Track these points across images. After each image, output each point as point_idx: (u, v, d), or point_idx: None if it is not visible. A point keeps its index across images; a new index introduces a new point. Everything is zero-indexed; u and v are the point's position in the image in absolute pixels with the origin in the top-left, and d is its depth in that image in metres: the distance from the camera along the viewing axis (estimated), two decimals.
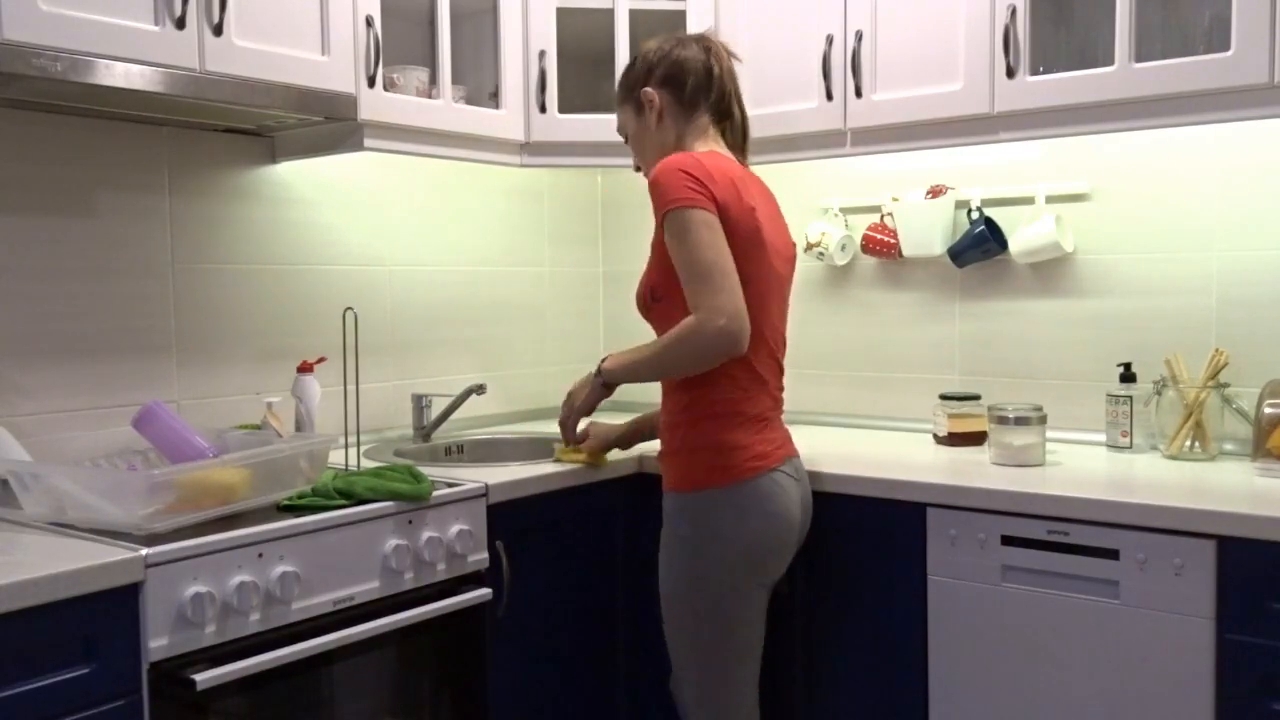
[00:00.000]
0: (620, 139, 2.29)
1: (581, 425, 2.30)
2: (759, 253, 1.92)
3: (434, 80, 2.43)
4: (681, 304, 1.87)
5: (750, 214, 1.90)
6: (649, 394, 2.14)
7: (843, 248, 2.81)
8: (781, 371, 2.05)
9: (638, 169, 2.12)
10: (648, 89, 2.01)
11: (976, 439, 2.47)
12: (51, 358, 2.12)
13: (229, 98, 1.99)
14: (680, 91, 1.99)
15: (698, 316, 1.81)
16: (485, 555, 2.10)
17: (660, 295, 1.94)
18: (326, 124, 2.27)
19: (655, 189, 1.87)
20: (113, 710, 1.55)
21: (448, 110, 2.40)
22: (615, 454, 2.38)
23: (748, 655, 2.01)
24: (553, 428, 2.82)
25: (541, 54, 2.57)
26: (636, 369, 2.00)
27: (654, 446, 2.18)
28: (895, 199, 2.71)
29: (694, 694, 2.02)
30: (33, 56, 1.72)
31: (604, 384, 2.08)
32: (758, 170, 2.76)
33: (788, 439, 2.05)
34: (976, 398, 2.51)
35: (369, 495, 1.92)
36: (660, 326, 1.98)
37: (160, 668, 1.60)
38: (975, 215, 2.60)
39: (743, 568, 1.94)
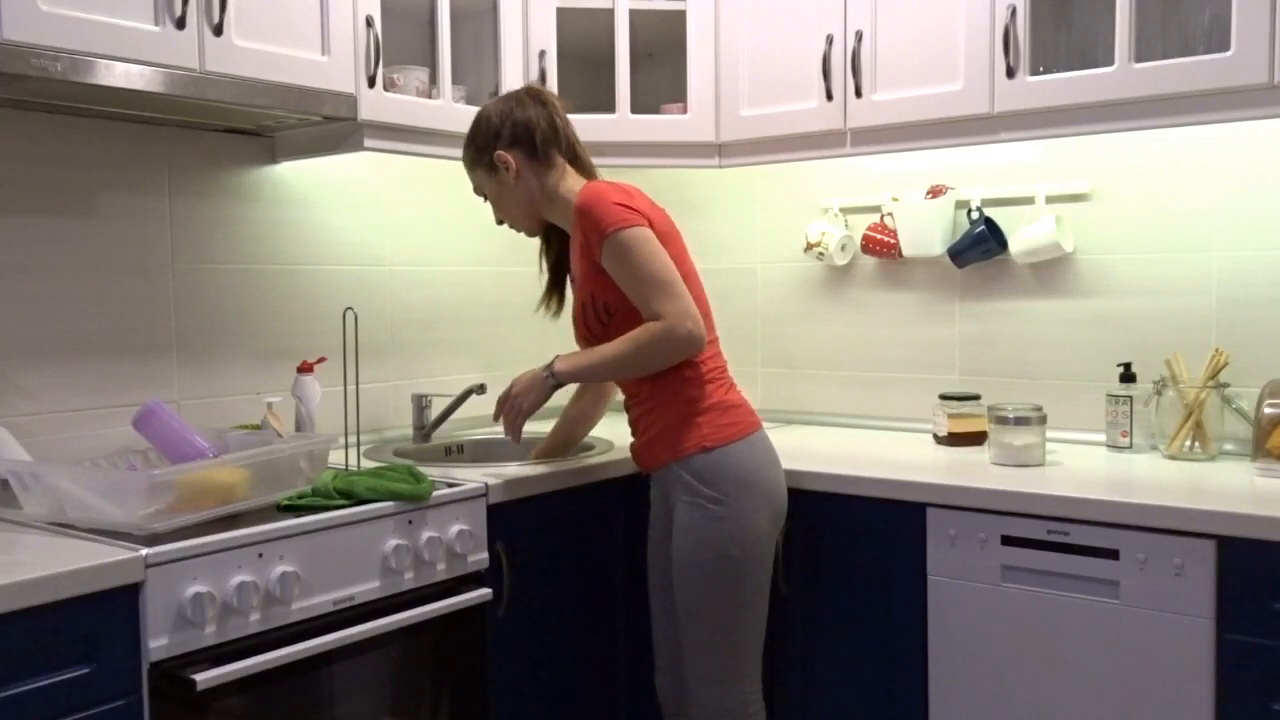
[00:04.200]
0: (623, 139, 2.30)
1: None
2: (684, 249, 2.09)
3: (434, 80, 2.43)
4: (632, 319, 1.99)
5: (667, 217, 2.09)
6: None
7: (843, 248, 2.81)
8: None
9: (500, 223, 2.22)
10: (499, 152, 2.10)
11: (976, 439, 2.47)
12: (51, 358, 2.12)
13: (229, 98, 1.99)
14: (531, 147, 2.09)
15: (666, 323, 1.93)
16: (485, 555, 2.09)
17: (614, 312, 2.04)
18: (326, 124, 2.27)
19: (588, 217, 1.99)
20: (113, 710, 1.55)
21: (448, 110, 2.40)
22: (605, 456, 2.39)
23: (764, 613, 2.06)
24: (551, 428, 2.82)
25: (541, 54, 2.57)
26: (595, 370, 2.06)
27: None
28: (895, 199, 2.71)
29: (713, 663, 2.01)
30: (33, 56, 1.72)
31: (556, 385, 2.10)
32: (759, 169, 2.75)
33: None
34: (976, 398, 2.51)
35: (369, 495, 1.92)
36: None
37: (160, 668, 1.60)
38: (975, 215, 2.60)
39: (769, 514, 2.02)
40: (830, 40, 2.48)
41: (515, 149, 2.09)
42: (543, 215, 2.16)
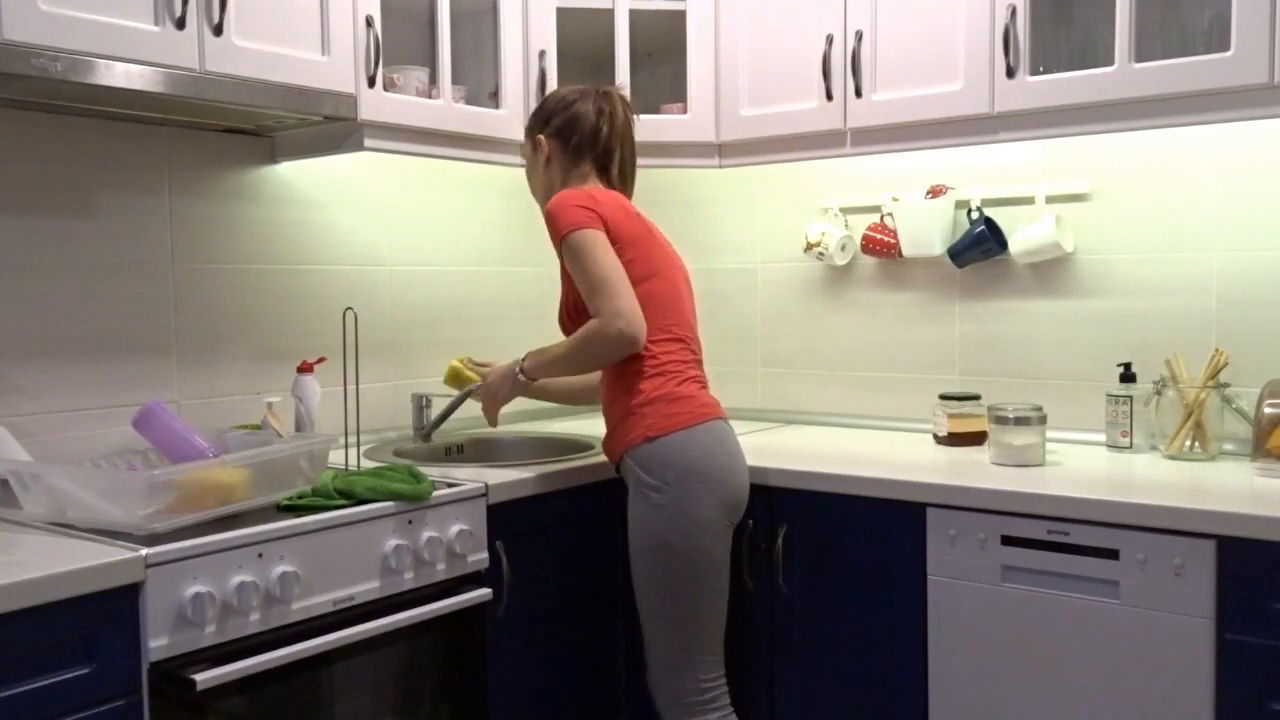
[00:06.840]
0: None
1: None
2: (658, 250, 2.16)
3: (434, 80, 2.43)
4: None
5: (639, 219, 2.15)
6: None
7: (843, 248, 2.81)
8: (700, 356, 2.21)
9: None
10: (541, 135, 2.24)
11: (976, 439, 2.47)
12: (51, 358, 2.12)
13: (229, 98, 1.99)
14: (566, 144, 2.22)
15: (600, 320, 2.03)
16: (485, 555, 2.10)
17: (581, 309, 2.13)
18: (326, 124, 2.27)
19: (550, 220, 2.09)
20: (113, 710, 1.55)
21: (448, 110, 2.40)
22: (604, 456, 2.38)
23: (718, 603, 2.08)
24: (552, 428, 2.83)
25: (541, 54, 2.57)
26: (553, 367, 2.19)
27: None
28: (895, 199, 2.71)
29: (664, 651, 2.07)
30: (33, 56, 1.72)
31: (527, 380, 2.24)
32: (759, 169, 2.73)
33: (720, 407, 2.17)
34: (976, 398, 2.51)
35: (369, 495, 1.92)
36: None
37: (160, 668, 1.60)
38: (975, 215, 2.60)
39: (716, 502, 2.04)
40: (830, 40, 2.48)
41: (556, 139, 2.22)
42: None
